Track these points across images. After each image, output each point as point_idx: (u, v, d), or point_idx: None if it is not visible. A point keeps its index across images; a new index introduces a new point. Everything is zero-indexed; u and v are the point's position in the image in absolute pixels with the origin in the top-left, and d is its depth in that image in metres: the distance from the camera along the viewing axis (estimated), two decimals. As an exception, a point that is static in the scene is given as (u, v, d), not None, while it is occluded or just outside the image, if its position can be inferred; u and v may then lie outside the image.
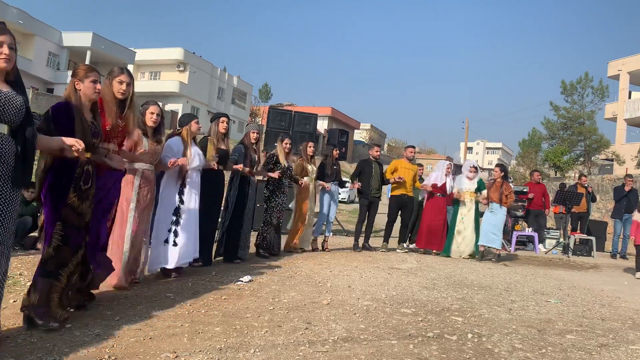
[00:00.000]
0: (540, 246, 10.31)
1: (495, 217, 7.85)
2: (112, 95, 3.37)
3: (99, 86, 3.10)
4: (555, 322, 3.95)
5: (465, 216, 8.02)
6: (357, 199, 11.50)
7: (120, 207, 3.77)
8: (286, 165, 6.50)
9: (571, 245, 9.87)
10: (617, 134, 30.77)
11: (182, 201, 4.60)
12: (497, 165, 8.36)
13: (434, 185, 8.04)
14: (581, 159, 32.18)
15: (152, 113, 4.09)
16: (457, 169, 9.69)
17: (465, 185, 8.07)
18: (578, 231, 10.63)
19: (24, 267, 4.37)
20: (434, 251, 8.07)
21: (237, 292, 4.14)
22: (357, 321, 3.50)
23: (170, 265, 4.51)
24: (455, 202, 8.20)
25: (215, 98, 43.03)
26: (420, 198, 8.79)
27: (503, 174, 8.09)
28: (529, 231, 10.22)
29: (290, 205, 7.47)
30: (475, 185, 8.05)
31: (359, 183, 7.77)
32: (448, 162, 8.67)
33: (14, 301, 3.34)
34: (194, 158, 4.67)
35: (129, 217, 3.97)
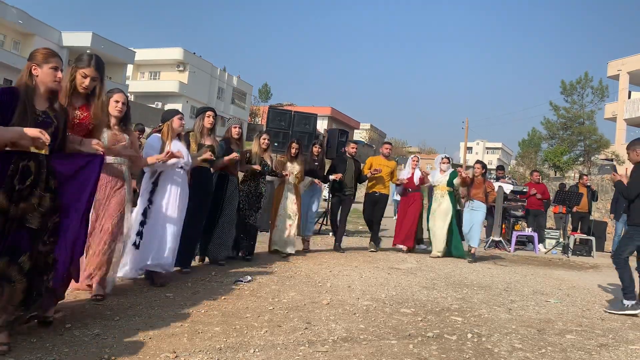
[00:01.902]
0: (540, 246, 10.32)
1: (476, 214, 7.52)
2: (71, 86, 3.07)
3: (60, 74, 2.76)
4: (555, 322, 3.95)
5: (436, 211, 7.62)
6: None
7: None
8: (260, 163, 6.02)
9: (571, 245, 9.87)
10: (617, 134, 30.78)
11: (150, 201, 4.21)
12: (477, 162, 7.97)
13: (405, 180, 7.78)
14: (581, 159, 32.20)
15: (117, 101, 3.71)
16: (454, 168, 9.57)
17: (437, 178, 7.74)
18: (578, 231, 10.63)
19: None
20: (404, 248, 7.75)
21: (236, 292, 4.14)
22: (356, 321, 3.50)
23: (122, 272, 4.05)
24: (430, 198, 7.88)
25: (215, 98, 43.02)
26: (394, 197, 8.48)
27: (484, 171, 7.77)
28: (528, 231, 10.22)
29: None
30: (448, 178, 7.66)
31: (339, 174, 7.27)
32: (415, 155, 8.36)
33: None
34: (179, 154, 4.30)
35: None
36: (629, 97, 30.47)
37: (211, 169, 5.08)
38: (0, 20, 29.16)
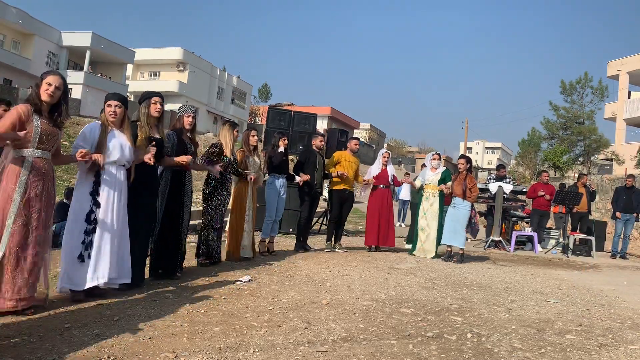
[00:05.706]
0: (538, 246, 10.32)
1: (458, 212, 7.11)
2: None
3: None
4: (555, 322, 3.95)
5: (427, 211, 7.45)
6: (359, 197, 11.37)
7: None
8: (232, 159, 5.46)
9: (570, 245, 9.87)
10: (617, 134, 30.83)
11: (96, 204, 3.56)
12: (461, 157, 7.45)
13: (376, 177, 7.57)
14: (580, 158, 32.25)
15: (50, 85, 3.06)
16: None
17: (428, 177, 7.55)
18: (578, 231, 10.63)
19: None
20: (380, 247, 7.62)
21: (236, 292, 4.14)
22: (356, 321, 3.50)
23: (80, 287, 3.50)
24: (419, 196, 7.72)
25: (214, 98, 43.08)
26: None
27: (469, 165, 7.31)
28: (528, 231, 10.22)
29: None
30: (440, 177, 7.45)
31: (307, 175, 6.81)
32: (386, 150, 8.10)
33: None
34: (114, 149, 3.62)
35: (9, 220, 2.97)
36: (629, 97, 30.51)
37: (158, 165, 4.22)
38: (0, 20, 29.15)
